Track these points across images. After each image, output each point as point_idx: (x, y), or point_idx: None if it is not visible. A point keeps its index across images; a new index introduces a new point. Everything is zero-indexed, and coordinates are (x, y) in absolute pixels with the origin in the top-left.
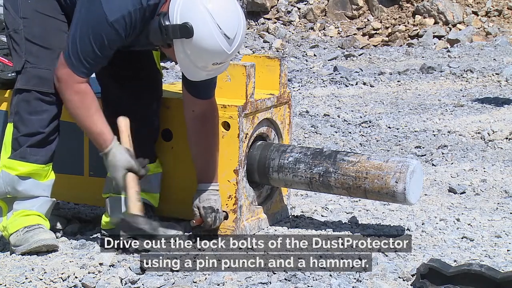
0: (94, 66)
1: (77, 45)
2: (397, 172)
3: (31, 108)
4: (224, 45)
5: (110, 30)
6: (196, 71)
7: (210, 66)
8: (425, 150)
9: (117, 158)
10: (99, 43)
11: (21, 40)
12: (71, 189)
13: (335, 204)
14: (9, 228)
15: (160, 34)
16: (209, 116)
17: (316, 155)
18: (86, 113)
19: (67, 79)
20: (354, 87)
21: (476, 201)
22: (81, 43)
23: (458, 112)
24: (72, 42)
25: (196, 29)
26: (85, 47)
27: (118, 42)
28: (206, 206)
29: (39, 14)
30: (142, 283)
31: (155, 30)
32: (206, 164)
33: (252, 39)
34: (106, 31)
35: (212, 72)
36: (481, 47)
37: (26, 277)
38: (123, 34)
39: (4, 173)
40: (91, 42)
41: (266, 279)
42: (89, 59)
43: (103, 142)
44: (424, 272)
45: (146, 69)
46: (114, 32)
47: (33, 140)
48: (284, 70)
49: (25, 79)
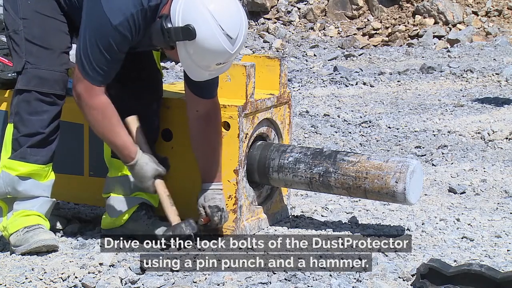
0: (108, 72)
1: (88, 54)
2: (397, 172)
3: (31, 108)
4: (226, 45)
5: (116, 34)
6: (199, 71)
7: (213, 66)
8: (425, 150)
9: (145, 169)
10: (108, 48)
11: (21, 40)
12: (71, 189)
13: (335, 204)
14: (9, 228)
15: (163, 36)
16: (212, 115)
17: (316, 155)
18: (108, 127)
19: (85, 94)
20: (354, 87)
21: (476, 201)
22: (91, 52)
23: (458, 112)
24: (83, 52)
25: (198, 30)
26: (96, 55)
27: (126, 44)
28: (212, 205)
29: (39, 15)
30: (142, 283)
31: (157, 32)
32: (210, 164)
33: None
34: (112, 36)
35: (215, 72)
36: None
37: (26, 277)
38: (129, 36)
39: (4, 174)
40: (100, 48)
41: (266, 279)
42: (102, 66)
43: (127, 155)
44: (424, 272)
45: (147, 69)
46: (120, 36)
47: (33, 140)
48: (284, 70)
49: (26, 79)
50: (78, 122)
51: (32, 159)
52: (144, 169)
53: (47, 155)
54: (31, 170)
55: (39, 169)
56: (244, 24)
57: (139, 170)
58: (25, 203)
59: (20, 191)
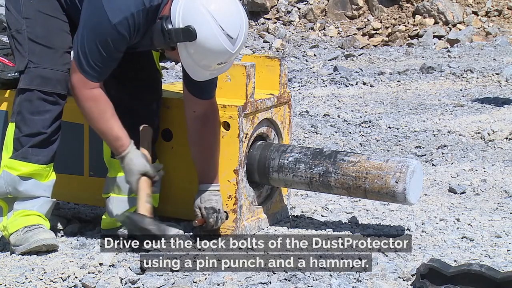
0: (104, 69)
1: (86, 50)
2: (397, 172)
3: (33, 108)
4: (227, 45)
5: (114, 33)
6: (200, 71)
7: (215, 65)
8: (425, 150)
9: (134, 162)
10: (105, 46)
11: (24, 40)
12: (71, 189)
13: (335, 204)
14: (9, 228)
15: (163, 38)
16: (210, 116)
17: (316, 155)
18: (101, 118)
19: (80, 85)
20: (354, 87)
21: (476, 201)
22: (88, 48)
23: (458, 112)
24: (80, 48)
25: (199, 31)
26: (92, 51)
27: (124, 44)
28: (208, 207)
29: (41, 14)
30: (142, 283)
31: (158, 34)
32: (207, 165)
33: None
34: (110, 34)
35: (216, 72)
36: (481, 47)
37: (26, 277)
38: (127, 35)
39: (5, 173)
40: (98, 46)
41: (266, 279)
42: (98, 63)
43: (119, 146)
44: (424, 272)
45: (146, 70)
46: (118, 35)
47: (35, 140)
48: (284, 70)
49: (28, 79)
50: (78, 122)
51: (33, 159)
52: (133, 162)
53: (48, 155)
54: (33, 170)
55: (40, 169)
56: (245, 24)
57: (129, 162)
58: (26, 203)
59: (21, 191)
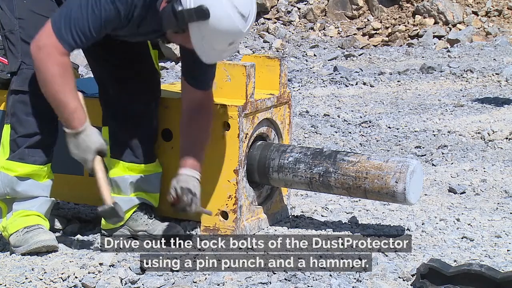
0: (81, 42)
1: (71, 15)
2: (397, 172)
3: (28, 109)
4: (240, 24)
5: (110, 7)
6: (211, 52)
7: (225, 46)
8: (425, 150)
9: (91, 138)
10: (94, 19)
11: (17, 41)
12: (71, 189)
13: (335, 204)
14: (9, 229)
15: (176, 20)
16: (205, 106)
17: (316, 155)
18: (64, 88)
19: (51, 49)
20: (354, 87)
21: (476, 201)
22: (75, 14)
23: (458, 112)
24: (66, 12)
25: (212, 9)
26: (79, 20)
27: (114, 22)
28: (184, 187)
29: (35, 15)
30: (142, 283)
31: (169, 17)
32: (192, 153)
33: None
34: (105, 8)
35: (226, 53)
36: (481, 47)
37: (26, 277)
38: (122, 12)
39: (2, 175)
40: (87, 17)
41: (266, 279)
42: (80, 33)
43: (77, 120)
44: (424, 272)
45: (145, 70)
46: (114, 9)
47: (31, 141)
48: (284, 70)
49: (21, 80)
50: None
51: (30, 159)
52: (90, 138)
53: (45, 155)
54: (30, 170)
55: (37, 169)
56: (254, 2)
57: (85, 138)
58: (25, 203)
59: (19, 191)
